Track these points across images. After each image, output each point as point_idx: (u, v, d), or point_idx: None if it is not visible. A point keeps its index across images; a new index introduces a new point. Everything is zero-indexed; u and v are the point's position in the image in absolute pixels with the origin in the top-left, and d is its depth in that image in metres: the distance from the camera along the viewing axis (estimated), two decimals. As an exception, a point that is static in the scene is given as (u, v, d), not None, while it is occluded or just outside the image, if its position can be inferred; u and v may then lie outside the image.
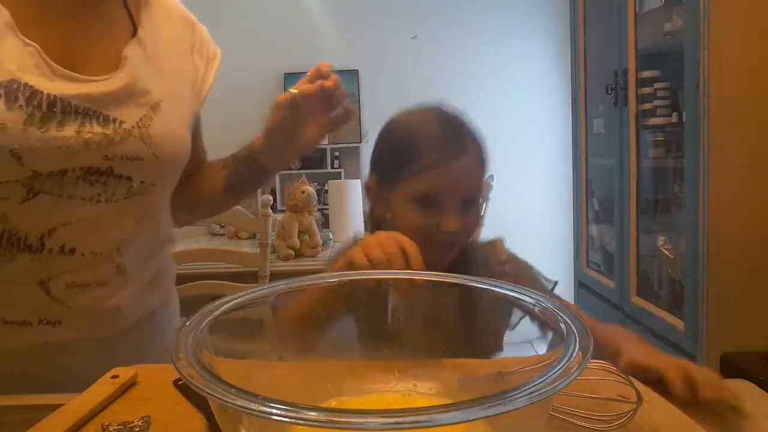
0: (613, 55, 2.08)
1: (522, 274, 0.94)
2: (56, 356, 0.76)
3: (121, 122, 0.76)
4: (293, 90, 0.84)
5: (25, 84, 0.69)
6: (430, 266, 0.82)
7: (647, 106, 1.96)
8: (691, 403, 0.59)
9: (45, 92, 0.70)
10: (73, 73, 0.73)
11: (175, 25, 0.89)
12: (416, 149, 0.87)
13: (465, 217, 0.87)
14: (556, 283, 0.95)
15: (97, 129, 0.73)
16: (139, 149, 0.77)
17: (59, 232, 0.73)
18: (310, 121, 0.87)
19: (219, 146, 1.03)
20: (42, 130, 0.70)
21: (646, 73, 1.96)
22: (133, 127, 0.76)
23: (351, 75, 3.44)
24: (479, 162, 0.90)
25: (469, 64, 3.51)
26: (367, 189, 0.96)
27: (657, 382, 0.64)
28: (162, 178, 0.83)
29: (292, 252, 2.42)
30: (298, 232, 2.42)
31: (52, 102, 0.70)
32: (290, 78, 3.48)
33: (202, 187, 0.98)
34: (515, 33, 3.56)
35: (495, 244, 0.97)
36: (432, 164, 0.86)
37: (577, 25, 2.47)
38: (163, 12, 0.87)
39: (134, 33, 0.81)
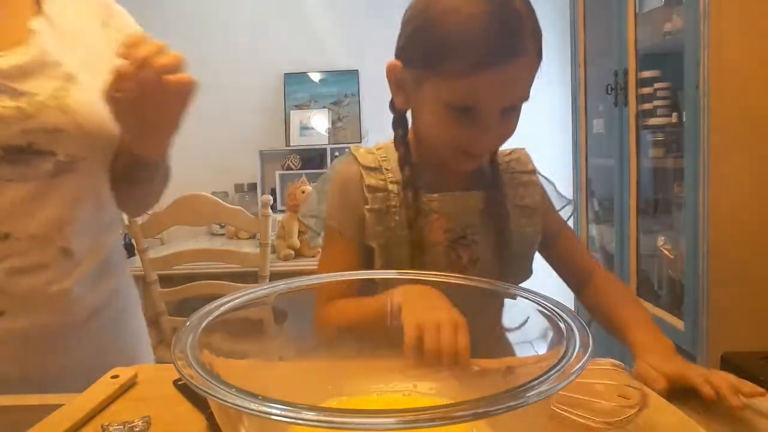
0: (613, 55, 2.08)
1: (545, 187, 0.91)
2: (8, 349, 0.74)
3: (34, 94, 0.72)
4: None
5: None
6: (455, 175, 0.81)
7: (647, 106, 1.96)
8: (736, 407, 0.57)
9: None
10: None
11: (82, 1, 0.85)
12: (459, 45, 0.68)
13: (504, 128, 0.75)
14: (570, 201, 0.94)
15: (9, 103, 0.70)
16: (57, 120, 0.73)
17: None
18: (149, 96, 0.68)
19: (219, 145, 1.03)
20: None
21: (646, 73, 1.96)
22: (47, 98, 0.73)
23: (351, 75, 3.44)
24: (536, 59, 0.72)
25: (469, 64, 3.50)
26: (389, 74, 0.79)
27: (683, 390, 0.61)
28: (92, 152, 0.79)
29: (292, 252, 2.42)
30: (298, 232, 2.42)
31: None
32: (290, 78, 3.48)
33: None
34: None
35: (518, 154, 0.90)
36: (478, 68, 0.68)
37: (577, 25, 2.47)
38: None
39: (39, 9, 0.78)
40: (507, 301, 0.55)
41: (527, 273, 0.87)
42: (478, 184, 0.85)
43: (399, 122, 0.84)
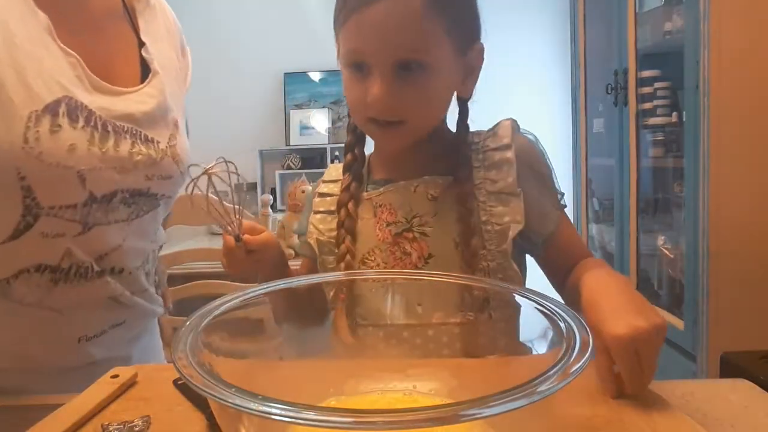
0: (613, 55, 2.08)
1: (530, 164, 0.76)
2: (120, 347, 0.81)
3: (158, 142, 0.76)
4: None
5: (81, 102, 0.67)
6: (400, 168, 0.76)
7: (647, 105, 1.96)
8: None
9: (96, 112, 0.68)
10: (109, 85, 0.71)
11: (169, 26, 0.87)
12: None
13: (407, 90, 0.68)
14: (563, 195, 0.80)
15: (143, 149, 0.74)
16: (170, 168, 0.78)
17: (110, 257, 0.75)
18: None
19: (219, 145, 1.03)
20: (102, 150, 0.68)
21: (646, 73, 1.96)
22: (166, 146, 0.77)
23: (351, 75, 3.44)
24: (420, 4, 0.65)
25: (469, 64, 3.51)
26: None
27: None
28: (176, 193, 0.84)
29: (292, 252, 2.42)
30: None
31: (105, 123, 0.69)
32: (290, 78, 3.48)
33: None
34: (515, 33, 3.56)
35: (498, 127, 0.78)
36: (351, 12, 0.66)
37: (577, 25, 2.47)
38: (154, 14, 0.84)
39: (140, 43, 0.79)
40: (508, 301, 0.55)
41: (510, 272, 0.73)
42: (437, 169, 0.76)
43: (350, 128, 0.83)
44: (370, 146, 0.83)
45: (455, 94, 0.77)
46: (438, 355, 0.61)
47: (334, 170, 0.85)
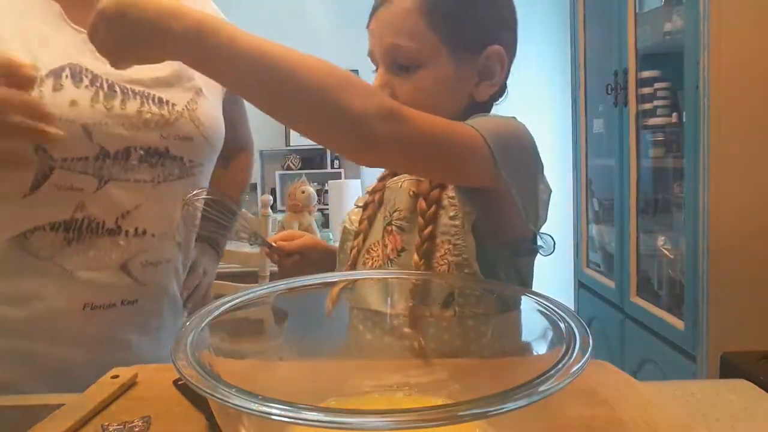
0: (613, 55, 2.08)
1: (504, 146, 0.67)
2: (135, 331, 0.83)
3: (173, 104, 0.82)
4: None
5: (86, 68, 0.75)
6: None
7: (647, 106, 1.96)
8: None
9: (104, 76, 0.76)
10: None
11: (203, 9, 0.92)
12: None
13: (399, 81, 0.72)
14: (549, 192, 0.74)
15: (155, 109, 0.80)
16: (189, 130, 0.83)
17: (132, 215, 0.79)
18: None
19: (219, 146, 1.05)
20: (107, 107, 0.76)
21: (646, 73, 1.96)
22: (183, 108, 0.83)
23: (351, 75, 3.44)
24: (414, 12, 0.71)
25: (469, 64, 3.50)
26: None
27: None
28: (208, 159, 0.90)
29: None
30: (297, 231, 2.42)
31: (111, 84, 0.77)
32: (290, 78, 3.48)
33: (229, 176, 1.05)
34: (515, 33, 3.56)
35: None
36: (369, 17, 0.76)
37: (577, 25, 2.47)
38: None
39: None
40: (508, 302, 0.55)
41: (474, 266, 0.69)
42: None
43: None
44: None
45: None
46: (436, 350, 0.61)
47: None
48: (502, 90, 0.81)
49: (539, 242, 0.77)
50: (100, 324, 0.79)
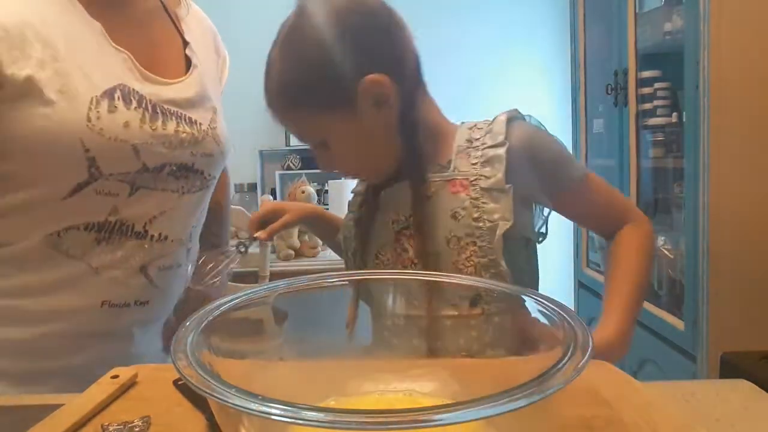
0: (613, 55, 2.08)
1: (532, 153, 0.78)
2: (137, 335, 0.87)
3: (200, 124, 0.88)
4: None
5: (133, 89, 0.80)
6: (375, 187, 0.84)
7: (647, 106, 1.96)
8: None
9: (147, 97, 0.81)
10: (157, 77, 0.84)
11: (204, 32, 1.00)
12: None
13: (328, 159, 0.82)
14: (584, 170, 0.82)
15: (188, 129, 0.86)
16: (212, 147, 0.90)
17: (158, 221, 0.84)
18: None
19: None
20: (152, 128, 0.81)
21: (646, 73, 1.96)
22: (207, 128, 0.89)
23: (351, 75, 3.44)
24: (289, 107, 0.80)
25: (468, 64, 3.51)
26: None
27: None
28: (218, 172, 0.96)
29: (292, 252, 2.42)
30: (298, 232, 2.42)
31: (154, 105, 0.82)
32: (290, 78, 3.48)
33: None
34: (515, 33, 3.56)
35: (495, 122, 0.80)
36: None
37: (577, 25, 2.47)
38: (195, 19, 0.98)
39: (184, 41, 0.92)
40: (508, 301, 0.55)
41: (500, 269, 0.74)
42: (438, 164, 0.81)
43: None
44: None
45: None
46: (434, 347, 0.61)
47: None
48: (415, 88, 0.80)
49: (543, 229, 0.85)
50: (113, 321, 0.83)
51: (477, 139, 0.80)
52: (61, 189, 0.77)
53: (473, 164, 0.78)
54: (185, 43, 0.93)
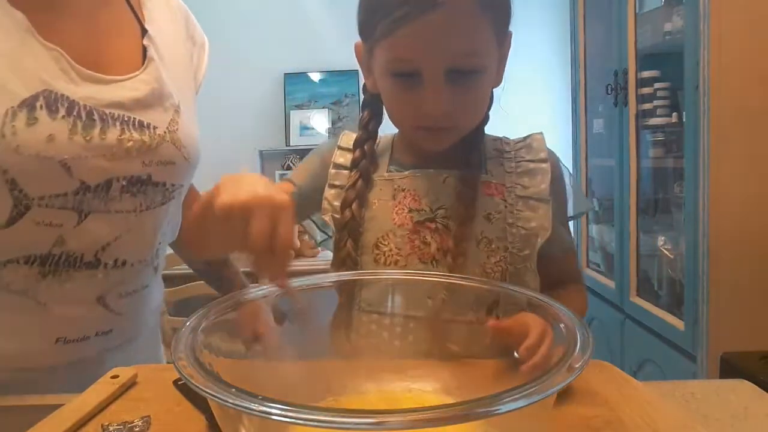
0: (613, 55, 2.08)
1: (559, 178, 0.78)
2: (103, 362, 0.77)
3: (155, 127, 0.76)
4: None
5: (62, 94, 0.68)
6: (429, 156, 0.73)
7: (647, 106, 1.96)
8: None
9: (81, 102, 0.70)
10: (98, 75, 0.72)
11: (174, 16, 0.87)
12: (383, 2, 0.65)
13: (458, 96, 0.66)
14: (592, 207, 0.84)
15: (136, 135, 0.73)
16: (171, 153, 0.78)
17: (112, 247, 0.74)
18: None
19: (219, 145, 1.03)
20: (87, 138, 0.69)
21: (646, 73, 1.96)
22: (165, 132, 0.77)
23: (351, 75, 3.44)
24: (476, 7, 0.64)
25: (469, 64, 3.50)
26: (356, 54, 0.76)
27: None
28: (187, 180, 0.84)
29: (292, 252, 2.42)
30: (298, 232, 2.42)
31: (90, 111, 0.70)
32: (290, 78, 3.48)
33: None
34: (514, 33, 3.56)
35: (532, 139, 0.79)
36: (402, 22, 0.63)
37: (577, 25, 2.47)
38: (160, 3, 0.85)
39: (143, 30, 0.80)
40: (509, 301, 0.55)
41: (528, 277, 0.73)
42: (464, 161, 0.75)
43: (367, 103, 0.79)
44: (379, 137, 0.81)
45: None
46: (440, 351, 0.60)
47: (350, 138, 0.82)
48: None
49: None
50: (71, 355, 0.75)
51: (508, 152, 0.78)
52: None
53: (508, 172, 0.76)
54: (144, 32, 0.80)
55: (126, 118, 0.73)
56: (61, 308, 0.73)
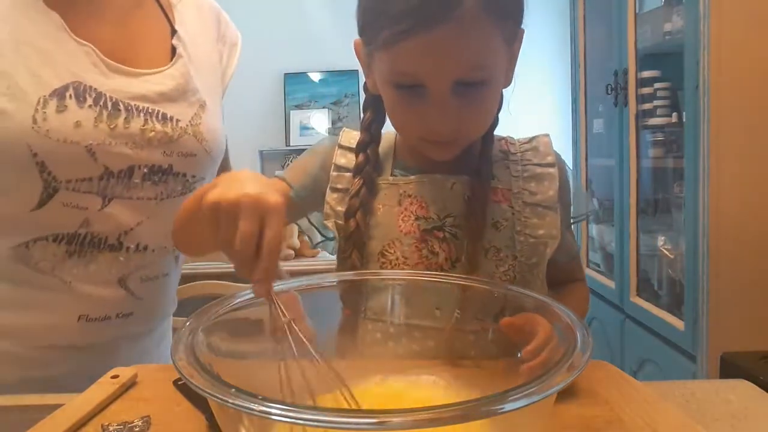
0: (613, 55, 2.08)
1: (565, 183, 0.76)
2: (121, 348, 0.82)
3: (177, 120, 0.80)
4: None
5: (90, 86, 0.74)
6: (433, 163, 0.70)
7: (647, 106, 1.96)
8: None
9: (107, 94, 0.75)
10: (128, 68, 0.78)
11: (204, 19, 0.92)
12: (388, 10, 0.61)
13: (465, 109, 0.63)
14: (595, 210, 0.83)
15: (158, 127, 0.78)
16: (192, 146, 0.82)
17: (134, 232, 0.79)
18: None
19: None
20: (111, 126, 0.74)
21: (646, 73, 1.96)
22: (187, 125, 0.81)
23: (351, 75, 3.44)
24: (486, 17, 0.60)
25: (469, 64, 3.50)
26: (356, 53, 0.73)
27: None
28: (210, 173, 0.88)
29: (292, 252, 2.42)
30: (298, 232, 2.42)
31: (116, 102, 0.75)
32: (290, 78, 3.48)
33: None
34: (515, 33, 3.55)
35: (538, 142, 0.77)
36: (409, 33, 0.59)
37: (577, 25, 2.47)
38: (191, 5, 0.90)
39: (172, 29, 0.85)
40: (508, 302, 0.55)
41: (534, 286, 0.71)
42: (470, 166, 0.73)
43: (368, 104, 0.76)
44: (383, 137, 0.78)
45: None
46: (448, 360, 0.59)
47: (351, 137, 0.79)
48: None
49: None
50: (93, 335, 0.79)
51: (513, 154, 0.76)
52: (25, 200, 0.73)
53: (514, 177, 0.74)
54: (174, 32, 0.85)
55: (150, 110, 0.78)
56: (84, 287, 0.77)
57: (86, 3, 0.77)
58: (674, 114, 1.86)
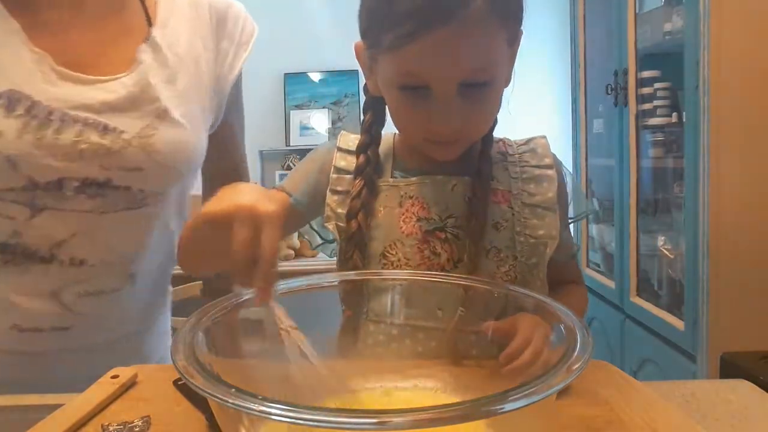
0: (613, 55, 2.08)
1: (563, 184, 0.77)
2: (63, 361, 0.78)
3: (121, 132, 0.75)
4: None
5: (27, 95, 0.71)
6: (434, 160, 0.70)
7: (647, 106, 1.96)
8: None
9: (45, 103, 0.71)
10: (80, 75, 0.74)
11: (201, 15, 0.86)
12: (392, 11, 0.61)
13: (470, 110, 0.64)
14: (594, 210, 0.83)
15: (95, 139, 0.73)
16: (138, 159, 0.75)
17: (68, 244, 0.75)
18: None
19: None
20: (37, 137, 0.71)
21: (646, 73, 1.96)
22: (132, 137, 0.75)
23: (351, 75, 3.44)
24: (492, 19, 0.60)
25: (469, 64, 3.50)
26: (357, 56, 0.73)
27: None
28: (167, 188, 0.81)
29: (292, 252, 2.42)
30: (298, 232, 2.42)
31: (50, 112, 0.72)
32: (290, 78, 3.48)
33: None
34: (515, 33, 3.55)
35: (535, 144, 0.77)
36: (414, 35, 0.59)
37: (577, 25, 2.47)
38: (185, 6, 0.84)
39: (148, 34, 0.79)
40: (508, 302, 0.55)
41: (534, 286, 0.72)
42: (471, 166, 0.74)
43: (368, 106, 0.76)
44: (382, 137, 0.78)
45: None
46: (450, 360, 0.59)
47: (349, 139, 0.79)
48: None
49: None
50: (25, 344, 0.76)
51: (511, 155, 0.76)
52: None
53: (513, 178, 0.74)
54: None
55: (89, 121, 0.73)
56: (18, 297, 0.75)
57: (54, 8, 0.75)
58: (674, 114, 1.86)
